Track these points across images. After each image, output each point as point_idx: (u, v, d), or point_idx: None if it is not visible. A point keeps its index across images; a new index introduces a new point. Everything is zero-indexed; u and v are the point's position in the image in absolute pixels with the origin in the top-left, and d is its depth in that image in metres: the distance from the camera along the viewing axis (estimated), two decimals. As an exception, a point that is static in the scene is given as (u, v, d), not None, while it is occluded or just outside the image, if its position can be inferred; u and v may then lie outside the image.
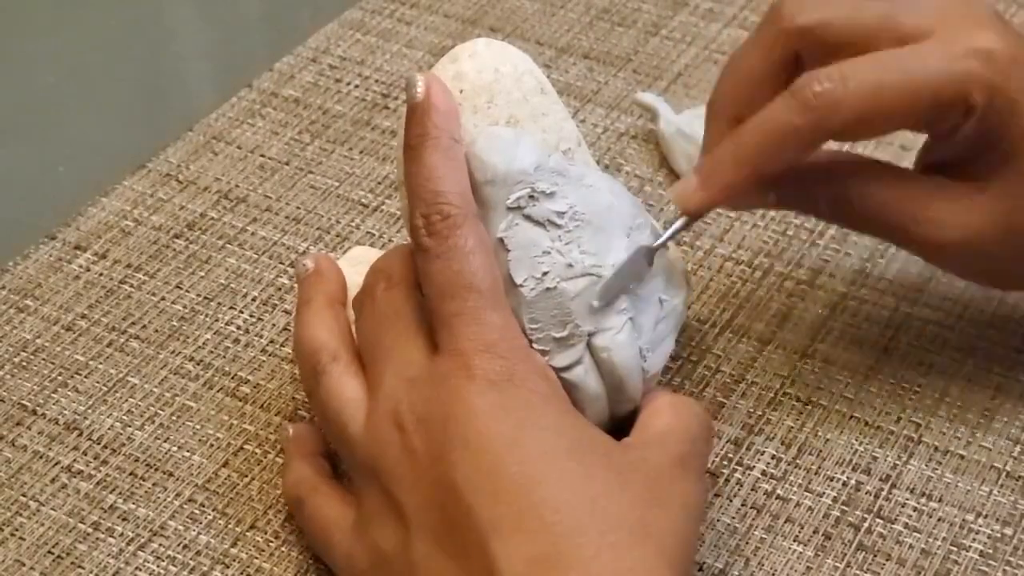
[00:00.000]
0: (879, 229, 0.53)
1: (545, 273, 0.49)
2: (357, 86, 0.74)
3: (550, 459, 0.45)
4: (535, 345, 0.49)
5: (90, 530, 0.53)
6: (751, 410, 0.57)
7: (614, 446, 0.48)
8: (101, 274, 0.64)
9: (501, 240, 0.49)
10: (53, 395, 0.58)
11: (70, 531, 0.53)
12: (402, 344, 0.49)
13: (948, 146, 0.52)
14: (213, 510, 0.54)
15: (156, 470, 0.55)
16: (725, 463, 0.55)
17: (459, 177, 0.49)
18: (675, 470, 0.48)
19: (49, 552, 0.53)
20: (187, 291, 0.63)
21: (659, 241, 0.52)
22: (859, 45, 0.50)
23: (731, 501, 0.53)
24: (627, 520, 0.45)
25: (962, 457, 0.55)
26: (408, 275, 0.50)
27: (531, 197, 0.49)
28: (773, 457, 0.55)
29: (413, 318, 0.49)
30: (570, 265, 0.49)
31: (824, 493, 0.54)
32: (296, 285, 0.55)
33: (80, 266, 0.64)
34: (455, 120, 0.49)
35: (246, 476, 0.55)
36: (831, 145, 0.52)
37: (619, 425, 0.51)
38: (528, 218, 0.49)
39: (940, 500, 0.53)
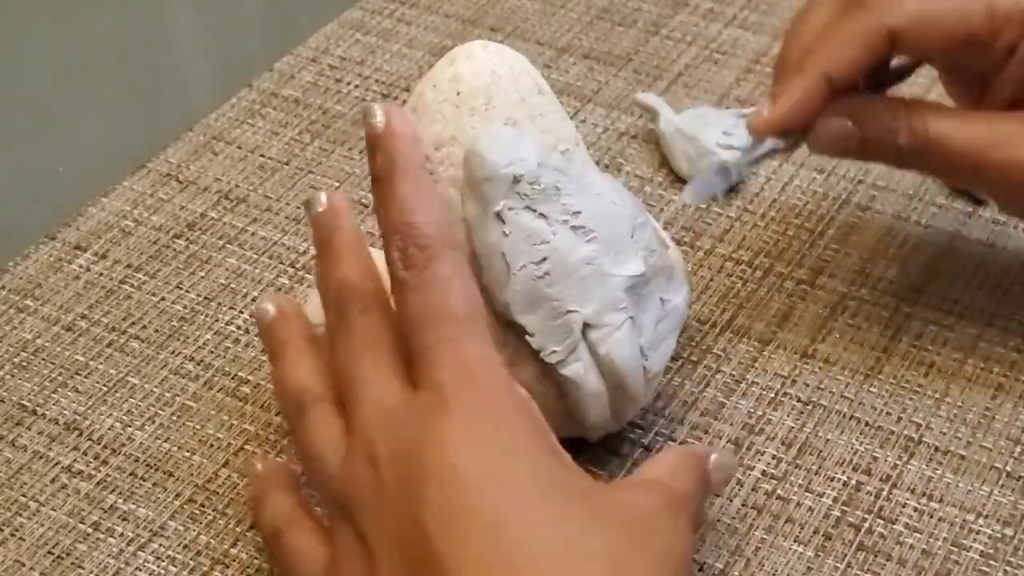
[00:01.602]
0: (955, 162, 0.54)
1: (544, 259, 0.49)
2: (357, 86, 0.74)
3: (524, 499, 0.43)
4: (530, 340, 0.49)
5: (90, 530, 0.53)
6: (751, 410, 0.57)
7: (594, 487, 0.46)
8: (101, 274, 0.64)
9: (502, 231, 0.49)
10: (53, 395, 0.58)
11: (70, 531, 0.53)
12: (379, 374, 0.47)
13: (1008, 79, 0.53)
14: (213, 510, 0.54)
15: (156, 470, 0.55)
16: (725, 463, 0.55)
17: (432, 205, 0.47)
18: (660, 516, 0.46)
19: (49, 552, 0.53)
20: (187, 291, 0.63)
21: (755, 154, 0.56)
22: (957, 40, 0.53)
23: (731, 501, 0.53)
24: (602, 562, 0.43)
25: (962, 457, 0.55)
26: (381, 293, 0.48)
27: (532, 191, 0.49)
28: (773, 457, 0.55)
29: (390, 346, 0.47)
30: (569, 254, 0.49)
31: (824, 493, 0.54)
32: (262, 329, 0.52)
33: (80, 266, 0.64)
34: (419, 146, 0.48)
35: (246, 476, 0.55)
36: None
37: (619, 422, 0.51)
38: (529, 210, 0.49)
39: (941, 500, 0.53)
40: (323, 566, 0.47)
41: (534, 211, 0.49)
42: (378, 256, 0.53)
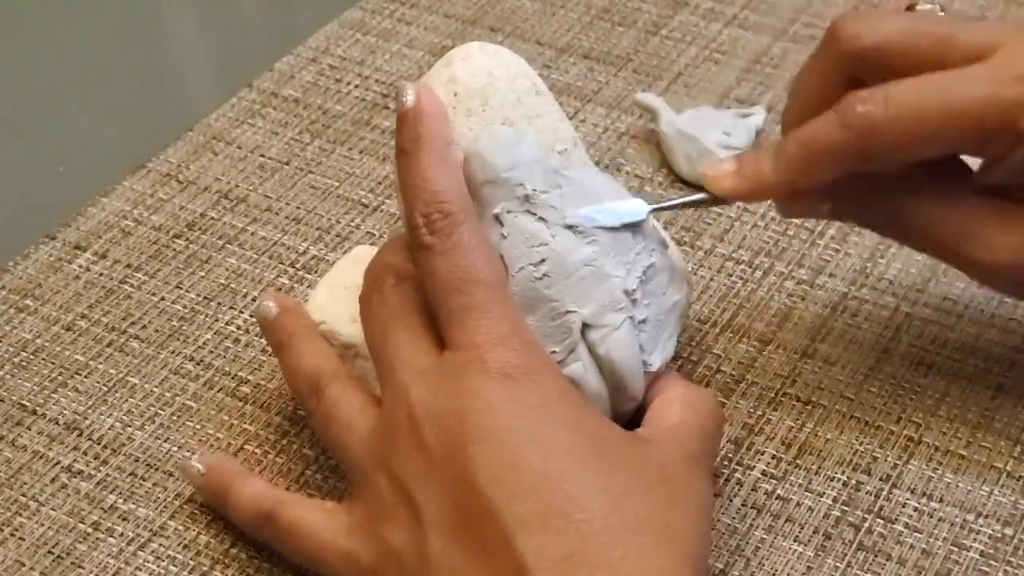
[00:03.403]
0: (931, 246, 0.53)
1: (543, 260, 0.49)
2: (357, 86, 0.74)
3: (572, 455, 0.45)
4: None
5: (90, 530, 0.53)
6: (751, 410, 0.57)
7: (632, 442, 0.48)
8: (101, 274, 0.64)
9: (500, 233, 0.49)
10: (53, 395, 0.58)
11: (70, 531, 0.53)
12: (411, 338, 0.48)
13: (1003, 169, 0.51)
14: (213, 510, 0.54)
15: (156, 470, 0.55)
16: (725, 463, 0.55)
17: (455, 177, 0.49)
18: (689, 467, 0.48)
19: (49, 552, 0.53)
20: (187, 291, 0.63)
21: (668, 203, 0.53)
22: (916, 65, 0.50)
23: (731, 501, 0.53)
24: (652, 520, 0.44)
25: (962, 457, 0.55)
26: (415, 270, 0.50)
27: (531, 193, 0.49)
28: (773, 457, 0.55)
29: (422, 314, 0.49)
30: (568, 255, 0.49)
31: (824, 493, 0.54)
32: (265, 326, 0.54)
33: (80, 266, 0.64)
34: (446, 125, 0.49)
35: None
36: None
37: (619, 422, 0.51)
38: (528, 212, 0.49)
39: (940, 500, 0.53)
40: (338, 530, 0.48)
41: (533, 213, 0.49)
42: (372, 253, 0.53)
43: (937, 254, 0.54)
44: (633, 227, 0.51)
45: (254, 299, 0.62)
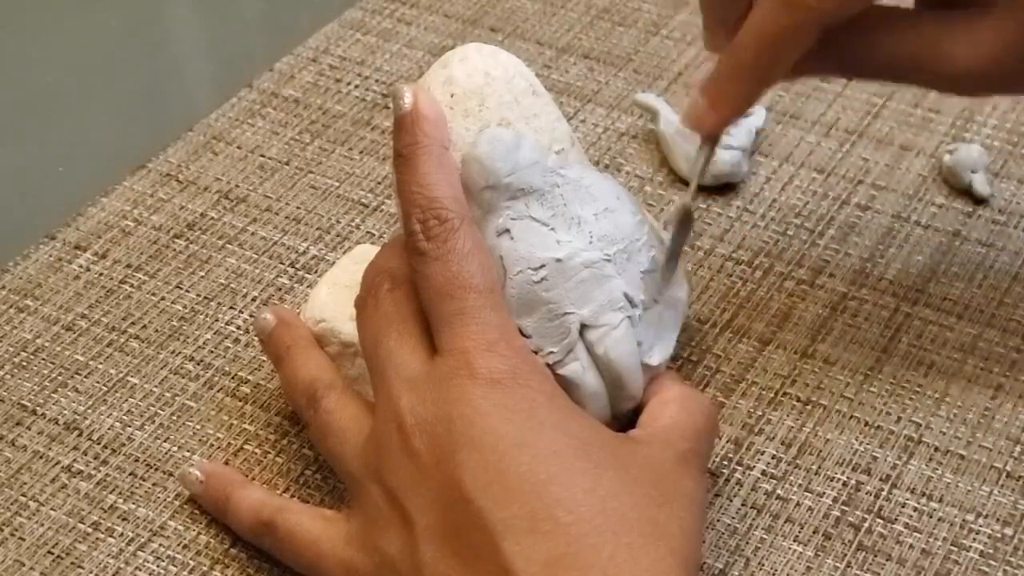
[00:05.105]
0: (896, 74, 0.53)
1: (542, 265, 0.49)
2: (357, 86, 0.74)
3: (559, 458, 0.45)
4: (528, 341, 0.49)
5: (90, 530, 0.53)
6: (751, 410, 0.57)
7: (620, 443, 0.48)
8: (101, 274, 0.64)
9: (500, 238, 0.49)
10: (53, 395, 0.58)
11: (70, 531, 0.53)
12: (404, 345, 0.48)
13: None
14: (213, 510, 0.54)
15: (156, 470, 0.55)
16: (725, 463, 0.55)
17: (452, 182, 0.49)
18: (680, 467, 0.48)
19: (49, 552, 0.53)
20: (187, 291, 0.63)
21: (692, 187, 0.53)
22: None
23: (731, 501, 0.53)
24: (639, 520, 0.45)
25: (962, 457, 0.55)
26: (411, 275, 0.50)
27: (531, 196, 0.49)
28: (773, 457, 0.55)
29: (416, 320, 0.49)
30: (568, 260, 0.49)
31: (824, 493, 0.54)
32: (263, 339, 0.54)
33: (80, 266, 0.64)
34: (444, 128, 0.49)
35: (246, 476, 0.55)
36: None
37: (619, 421, 0.51)
38: (528, 217, 0.49)
39: (940, 500, 0.53)
40: (338, 539, 0.48)
41: (532, 215, 0.49)
42: (374, 252, 0.53)
43: (903, 79, 0.54)
44: (632, 226, 0.51)
45: (254, 299, 0.62)
